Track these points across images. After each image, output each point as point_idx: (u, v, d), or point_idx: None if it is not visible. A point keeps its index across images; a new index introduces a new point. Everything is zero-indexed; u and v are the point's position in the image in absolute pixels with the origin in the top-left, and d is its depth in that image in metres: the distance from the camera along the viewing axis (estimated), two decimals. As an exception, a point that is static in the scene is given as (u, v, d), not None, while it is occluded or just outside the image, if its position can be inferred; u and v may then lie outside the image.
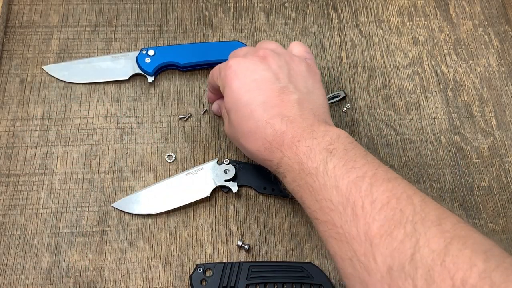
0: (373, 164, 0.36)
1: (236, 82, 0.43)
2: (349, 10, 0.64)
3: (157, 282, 0.47)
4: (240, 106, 0.43)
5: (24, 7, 0.60)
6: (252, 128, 0.42)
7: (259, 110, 0.42)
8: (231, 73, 0.44)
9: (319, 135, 0.39)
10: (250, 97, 0.42)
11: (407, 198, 0.33)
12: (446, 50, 0.62)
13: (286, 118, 0.41)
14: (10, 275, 0.47)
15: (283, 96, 0.42)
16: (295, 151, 0.39)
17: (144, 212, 0.50)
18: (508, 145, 0.56)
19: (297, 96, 0.42)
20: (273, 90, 0.42)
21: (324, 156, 0.37)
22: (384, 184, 0.34)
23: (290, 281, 0.46)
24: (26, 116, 0.54)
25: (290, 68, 0.45)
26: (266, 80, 0.43)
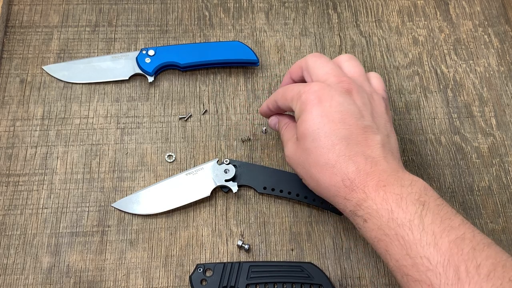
0: (469, 225, 0.35)
1: (319, 109, 0.41)
2: (349, 10, 0.64)
3: (157, 282, 0.47)
4: (320, 136, 0.40)
5: (24, 7, 0.60)
6: (331, 161, 0.40)
7: (342, 145, 0.40)
8: (315, 98, 0.41)
9: (406, 184, 0.37)
10: (333, 128, 0.40)
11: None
12: (446, 50, 0.62)
13: (371, 159, 0.39)
14: (10, 275, 0.47)
15: (367, 135, 0.40)
16: (383, 196, 0.37)
17: (144, 212, 0.50)
18: (508, 145, 0.56)
19: (380, 138, 0.41)
20: (358, 126, 0.40)
21: (418, 208, 0.35)
22: (486, 249, 0.33)
23: (290, 281, 0.46)
24: (26, 116, 0.54)
25: (373, 106, 0.43)
26: (351, 115, 0.41)
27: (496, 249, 0.33)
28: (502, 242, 0.51)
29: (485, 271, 0.31)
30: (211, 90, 0.57)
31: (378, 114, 0.43)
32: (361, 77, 0.45)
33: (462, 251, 0.32)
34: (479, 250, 0.32)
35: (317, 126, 0.41)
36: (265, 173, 0.51)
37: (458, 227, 0.34)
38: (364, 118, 0.41)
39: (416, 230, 0.35)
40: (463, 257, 0.32)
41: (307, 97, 0.42)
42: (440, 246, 0.33)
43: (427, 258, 0.33)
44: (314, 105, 0.41)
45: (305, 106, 0.42)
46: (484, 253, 0.32)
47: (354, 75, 0.45)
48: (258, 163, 0.53)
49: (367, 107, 0.42)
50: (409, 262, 0.35)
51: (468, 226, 0.35)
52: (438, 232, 0.34)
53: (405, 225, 0.35)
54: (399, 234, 0.35)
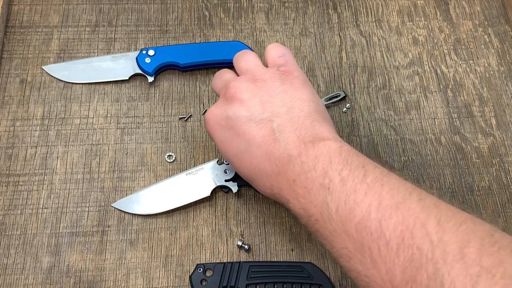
0: (375, 187, 0.33)
1: (217, 135, 0.43)
2: (349, 10, 0.64)
3: (157, 282, 0.47)
4: (231, 158, 0.43)
5: (24, 7, 0.60)
6: (253, 174, 0.41)
7: (248, 158, 0.41)
8: (209, 128, 0.44)
9: (311, 166, 0.36)
10: (233, 147, 0.42)
11: (421, 228, 0.30)
12: (446, 50, 0.62)
13: (273, 157, 0.39)
14: (10, 275, 0.47)
15: (263, 131, 0.40)
16: (296, 196, 0.37)
17: (144, 212, 0.50)
18: (508, 145, 0.56)
19: (276, 124, 0.40)
20: (250, 130, 0.40)
21: (323, 196, 0.35)
22: (393, 214, 0.31)
23: (290, 281, 0.46)
24: (26, 116, 0.54)
25: (261, 94, 0.42)
26: (241, 123, 0.41)
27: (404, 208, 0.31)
28: (502, 242, 0.51)
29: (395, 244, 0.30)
30: (211, 90, 0.57)
31: (270, 95, 0.42)
32: (256, 65, 0.45)
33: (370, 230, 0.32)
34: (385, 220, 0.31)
35: (224, 151, 0.44)
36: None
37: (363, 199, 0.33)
38: (253, 115, 0.41)
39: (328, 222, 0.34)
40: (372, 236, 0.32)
41: (207, 125, 0.45)
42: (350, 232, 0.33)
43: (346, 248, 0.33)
44: (214, 132, 0.44)
45: (210, 133, 0.45)
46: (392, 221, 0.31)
47: (249, 69, 0.45)
48: (258, 163, 0.53)
49: (254, 98, 0.42)
50: (337, 254, 0.35)
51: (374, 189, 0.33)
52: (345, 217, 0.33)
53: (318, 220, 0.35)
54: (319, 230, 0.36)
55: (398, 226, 0.30)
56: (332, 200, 0.34)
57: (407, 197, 0.32)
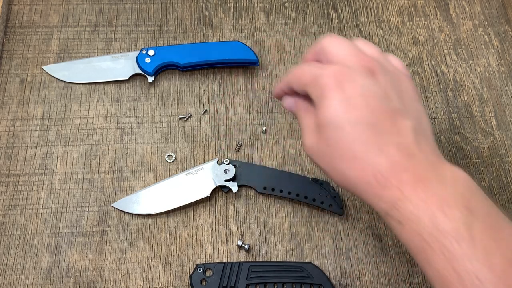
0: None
1: (341, 94, 0.36)
2: (349, 10, 0.64)
3: (157, 282, 0.47)
4: (344, 125, 0.35)
5: (24, 7, 0.60)
6: (360, 154, 0.35)
7: (369, 133, 0.35)
8: (333, 82, 0.36)
9: (448, 180, 0.33)
10: (357, 115, 0.35)
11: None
12: (446, 50, 0.62)
13: (404, 149, 0.34)
14: (10, 275, 0.47)
15: (397, 121, 0.35)
16: (423, 197, 0.32)
17: (144, 212, 0.50)
18: (508, 145, 0.56)
19: (411, 122, 0.36)
20: (384, 110, 0.35)
21: (463, 214, 0.31)
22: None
23: (290, 281, 0.46)
24: (26, 116, 0.54)
25: (400, 86, 0.38)
26: (377, 98, 0.36)
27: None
28: (502, 242, 0.51)
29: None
30: (211, 90, 0.57)
31: (407, 95, 0.38)
32: (381, 56, 0.40)
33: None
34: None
35: (339, 114, 0.35)
36: (265, 173, 0.51)
37: (509, 238, 0.31)
38: (391, 100, 0.36)
39: (463, 241, 0.30)
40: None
41: (324, 81, 0.36)
42: (492, 264, 0.30)
43: (476, 275, 0.30)
44: (334, 90, 0.36)
45: (324, 92, 0.36)
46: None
47: (374, 55, 0.40)
48: (258, 163, 0.53)
49: (394, 87, 0.37)
50: (454, 277, 0.30)
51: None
52: (489, 247, 0.30)
53: (449, 234, 0.31)
54: (442, 243, 0.31)
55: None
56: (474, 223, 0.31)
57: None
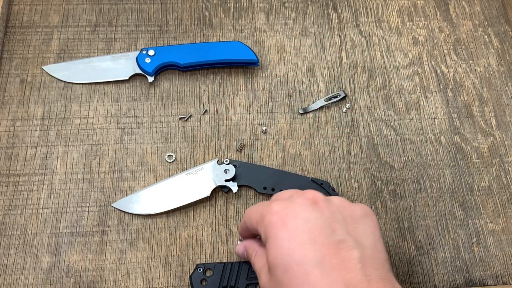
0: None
1: (284, 232, 0.35)
2: (349, 10, 0.64)
3: (157, 282, 0.47)
4: (290, 265, 0.34)
5: (24, 7, 0.60)
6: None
7: (316, 273, 0.33)
8: (277, 220, 0.36)
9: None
10: (303, 253, 0.34)
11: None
12: (446, 50, 0.62)
13: (349, 285, 0.33)
14: (10, 275, 0.47)
15: (343, 253, 0.34)
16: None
17: (144, 212, 0.50)
18: (508, 145, 0.56)
19: (359, 254, 0.35)
20: (329, 244, 0.35)
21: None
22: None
23: (290, 281, 0.46)
24: (26, 116, 0.54)
25: (343, 215, 0.37)
26: (320, 231, 0.35)
27: None
28: (502, 242, 0.51)
29: None
30: (211, 90, 0.57)
31: (353, 221, 0.37)
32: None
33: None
34: None
35: (286, 253, 0.35)
36: (265, 173, 0.51)
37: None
38: (336, 230, 0.36)
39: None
40: None
41: (270, 219, 0.36)
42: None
43: None
44: (278, 228, 0.36)
45: (270, 231, 0.36)
46: None
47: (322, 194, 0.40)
48: (258, 163, 0.53)
49: (336, 216, 0.37)
50: None
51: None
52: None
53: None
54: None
55: None
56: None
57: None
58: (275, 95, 0.57)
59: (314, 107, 0.57)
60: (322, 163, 0.54)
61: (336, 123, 0.56)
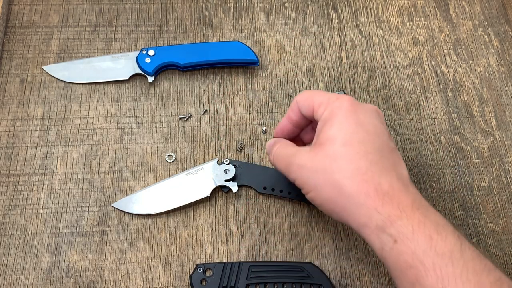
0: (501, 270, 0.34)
1: (354, 117, 0.39)
2: (349, 10, 0.64)
3: (157, 282, 0.47)
4: (353, 142, 0.38)
5: (24, 7, 0.60)
6: (363, 168, 0.37)
7: (375, 154, 0.37)
8: (349, 106, 0.39)
9: (437, 214, 0.36)
10: (367, 138, 0.38)
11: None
12: (446, 50, 0.62)
13: (403, 178, 0.37)
14: (10, 275, 0.47)
15: (395, 157, 0.39)
16: (421, 219, 0.35)
17: (144, 212, 0.50)
18: (508, 145, 0.56)
19: (404, 166, 0.39)
20: (388, 146, 0.39)
21: (456, 241, 0.34)
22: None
23: (290, 281, 0.46)
24: (26, 116, 0.54)
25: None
26: (383, 133, 0.40)
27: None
28: (502, 242, 0.51)
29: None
30: (211, 90, 0.57)
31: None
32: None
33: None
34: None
35: (352, 131, 0.38)
36: (265, 173, 0.51)
37: (495, 269, 0.33)
38: (391, 140, 0.40)
39: (457, 263, 0.32)
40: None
41: (341, 103, 0.40)
42: (481, 285, 0.32)
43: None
44: (349, 112, 0.39)
45: (338, 111, 0.39)
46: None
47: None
48: (258, 163, 0.53)
49: (388, 133, 0.41)
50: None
51: (501, 270, 0.34)
52: (479, 270, 0.32)
53: (445, 256, 0.33)
54: (437, 264, 0.33)
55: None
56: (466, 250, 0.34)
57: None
58: (275, 95, 0.57)
59: (314, 107, 0.57)
60: (322, 163, 0.54)
61: (336, 123, 0.56)
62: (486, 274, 0.32)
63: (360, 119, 0.39)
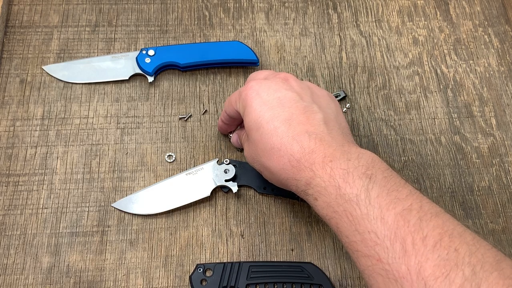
0: (417, 195, 0.34)
1: (258, 100, 0.42)
2: (349, 10, 0.64)
3: (157, 282, 0.47)
4: (262, 123, 0.41)
5: (24, 7, 0.60)
6: (276, 145, 0.40)
7: (284, 127, 0.40)
8: (252, 92, 0.43)
9: (353, 157, 0.37)
10: (273, 113, 0.41)
11: (460, 236, 0.31)
12: (446, 50, 0.62)
13: (314, 135, 0.39)
14: (10, 275, 0.47)
15: (308, 114, 0.41)
16: (330, 173, 0.37)
17: (144, 212, 0.50)
18: (508, 145, 0.56)
19: (322, 115, 0.41)
20: (297, 107, 0.41)
21: (364, 182, 0.35)
22: (433, 219, 0.32)
23: (290, 281, 0.46)
24: (26, 116, 0.54)
25: (312, 91, 0.45)
26: (290, 98, 0.42)
27: (444, 218, 0.33)
28: (502, 242, 0.51)
29: (431, 241, 0.31)
30: (211, 90, 0.57)
31: (318, 96, 0.44)
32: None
33: (409, 223, 0.32)
34: (425, 220, 0.32)
35: (258, 115, 0.42)
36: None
37: (406, 198, 0.34)
38: (303, 99, 0.42)
39: (363, 204, 0.34)
40: (410, 229, 0.32)
41: (246, 93, 0.43)
42: (386, 219, 0.33)
43: (374, 233, 0.33)
44: (253, 98, 0.42)
45: (246, 102, 0.43)
46: (431, 223, 0.32)
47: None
48: (258, 163, 0.53)
49: (305, 91, 0.44)
50: (358, 238, 0.34)
51: (416, 196, 0.34)
52: (384, 205, 0.33)
53: (352, 200, 0.35)
54: (347, 210, 0.35)
55: (436, 229, 0.32)
56: (373, 188, 0.35)
57: (444, 211, 0.34)
58: (275, 95, 0.57)
59: (314, 107, 0.57)
60: (322, 163, 0.54)
61: (336, 123, 0.56)
62: (393, 206, 0.33)
63: (263, 98, 0.42)
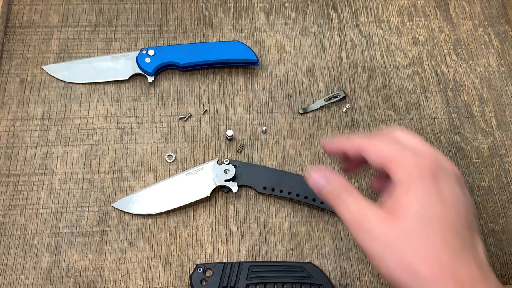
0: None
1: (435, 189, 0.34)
2: (349, 10, 0.64)
3: (157, 282, 0.47)
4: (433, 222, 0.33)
5: (24, 7, 0.60)
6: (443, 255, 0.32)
7: (455, 239, 0.33)
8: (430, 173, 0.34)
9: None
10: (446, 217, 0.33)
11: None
12: (446, 50, 0.62)
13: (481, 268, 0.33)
14: (10, 275, 0.47)
15: (473, 235, 0.34)
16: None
17: (144, 212, 0.50)
18: (508, 145, 0.56)
19: (482, 242, 0.34)
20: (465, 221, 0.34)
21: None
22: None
23: (290, 281, 0.46)
24: (26, 116, 0.54)
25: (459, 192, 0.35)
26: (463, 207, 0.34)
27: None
28: (502, 242, 0.51)
29: None
30: (211, 90, 0.57)
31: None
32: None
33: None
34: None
35: (430, 202, 0.33)
36: (265, 173, 0.51)
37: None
38: (470, 213, 0.35)
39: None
40: None
41: (421, 166, 0.34)
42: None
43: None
44: (430, 181, 0.34)
45: (416, 175, 0.34)
46: None
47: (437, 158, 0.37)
48: (258, 163, 0.53)
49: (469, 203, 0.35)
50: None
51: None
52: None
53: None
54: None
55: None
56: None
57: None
58: (275, 95, 0.57)
59: (314, 107, 0.57)
60: (322, 163, 0.54)
61: (336, 123, 0.56)
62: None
63: (440, 187, 0.34)
